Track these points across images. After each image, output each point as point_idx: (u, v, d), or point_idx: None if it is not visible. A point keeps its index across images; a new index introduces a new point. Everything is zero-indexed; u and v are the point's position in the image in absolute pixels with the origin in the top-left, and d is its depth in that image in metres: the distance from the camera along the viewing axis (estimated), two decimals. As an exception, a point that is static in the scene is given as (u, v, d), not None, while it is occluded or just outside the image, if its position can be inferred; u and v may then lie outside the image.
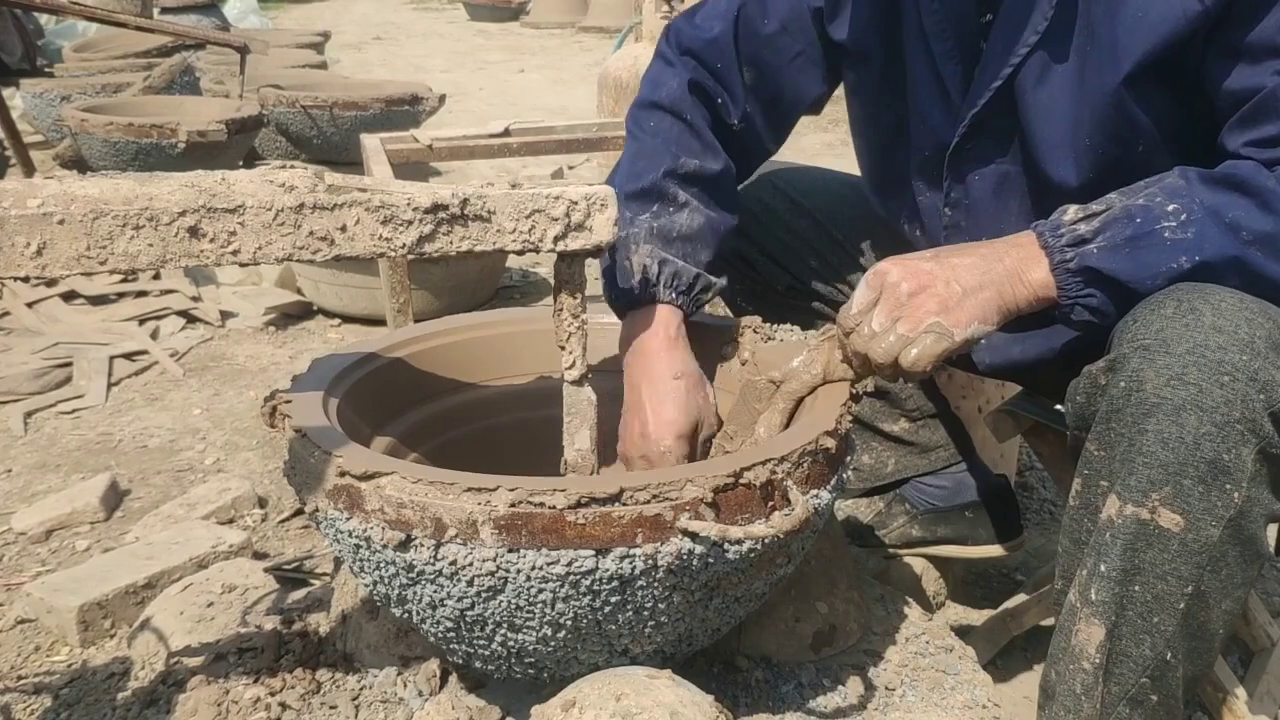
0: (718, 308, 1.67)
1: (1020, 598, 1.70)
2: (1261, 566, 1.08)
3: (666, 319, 1.32)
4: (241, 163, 4.32)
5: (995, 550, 1.77)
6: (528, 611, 0.99)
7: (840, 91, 1.55)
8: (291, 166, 1.05)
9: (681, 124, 1.43)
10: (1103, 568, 1.07)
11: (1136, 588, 1.06)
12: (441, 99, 4.68)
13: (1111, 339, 1.10)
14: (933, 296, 1.12)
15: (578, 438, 1.21)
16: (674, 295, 1.33)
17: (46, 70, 5.75)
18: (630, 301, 1.33)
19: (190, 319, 3.22)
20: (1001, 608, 1.72)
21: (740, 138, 1.48)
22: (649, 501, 0.96)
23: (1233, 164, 1.12)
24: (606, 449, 1.28)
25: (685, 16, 1.50)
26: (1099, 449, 1.09)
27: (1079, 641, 1.11)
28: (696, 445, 1.29)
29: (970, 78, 1.30)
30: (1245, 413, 1.00)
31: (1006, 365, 1.42)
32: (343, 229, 1.01)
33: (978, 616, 1.84)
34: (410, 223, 1.04)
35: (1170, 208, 1.09)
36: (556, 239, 1.11)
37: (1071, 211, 1.13)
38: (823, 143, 5.72)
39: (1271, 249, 1.08)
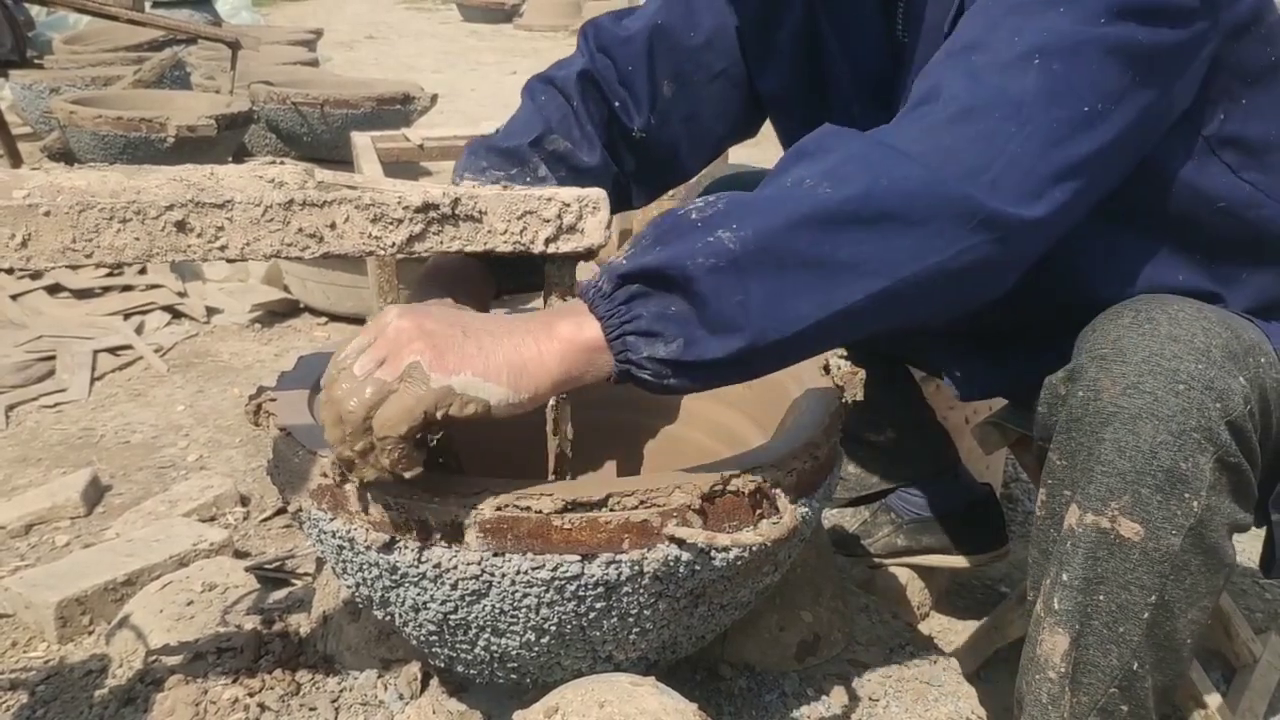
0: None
1: (1004, 609, 1.70)
2: (1228, 576, 1.08)
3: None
4: (231, 158, 4.30)
5: (980, 560, 1.77)
6: (511, 616, 0.98)
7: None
8: (281, 163, 1.04)
9: (568, 107, 1.38)
10: (1065, 577, 1.08)
11: (1100, 597, 1.06)
12: (433, 99, 4.67)
13: (1072, 350, 1.10)
14: (425, 336, 0.89)
15: (562, 442, 1.20)
16: None
17: (36, 62, 5.72)
18: None
19: (176, 315, 3.21)
20: (986, 619, 1.72)
21: (644, 148, 1.42)
22: (636, 507, 0.96)
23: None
24: (592, 456, 1.28)
25: (610, 14, 1.44)
26: (1061, 458, 1.09)
27: (1044, 651, 1.11)
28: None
29: None
30: (1201, 421, 1.00)
31: (987, 397, 1.42)
32: (332, 226, 1.01)
33: (962, 627, 1.84)
34: (400, 221, 1.03)
35: (698, 198, 0.98)
36: (548, 241, 1.10)
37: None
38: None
39: (837, 179, 0.92)
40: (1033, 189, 0.95)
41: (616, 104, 1.40)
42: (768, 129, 1.53)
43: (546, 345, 0.91)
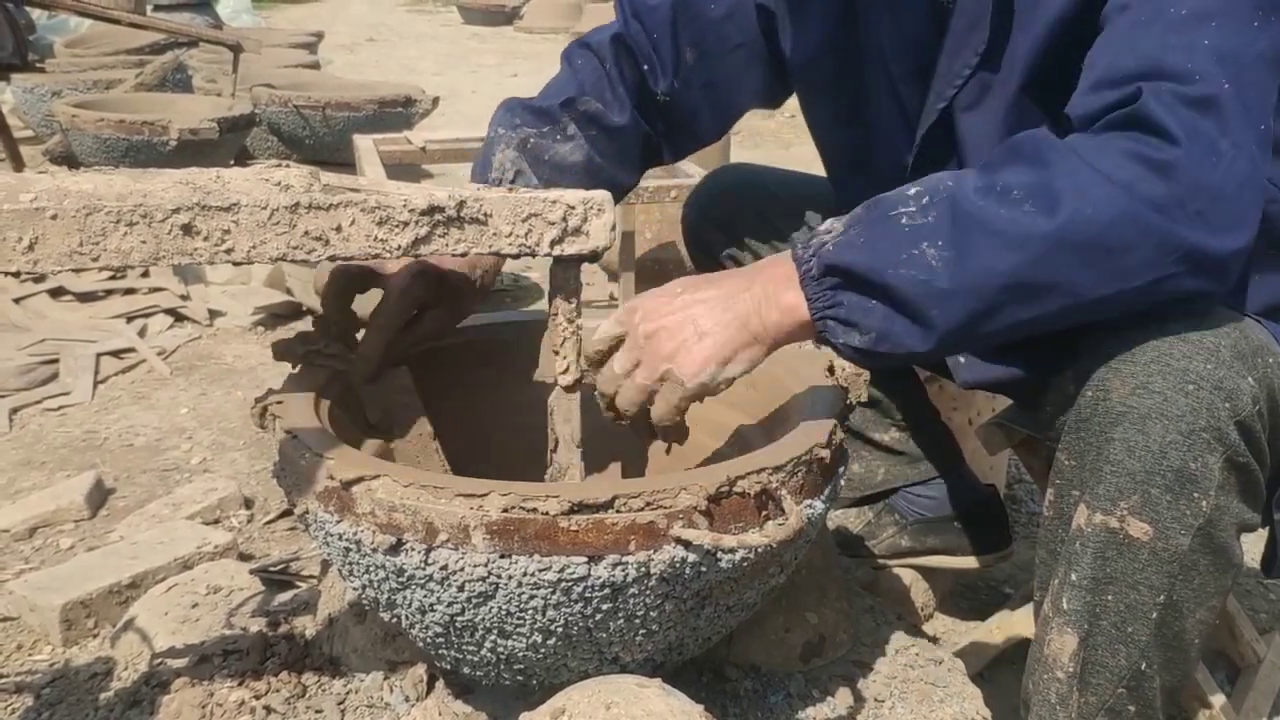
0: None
1: (1009, 610, 1.70)
2: (1236, 576, 1.08)
3: None
4: (233, 161, 4.31)
5: (984, 561, 1.77)
6: (518, 618, 0.98)
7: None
8: (287, 165, 1.04)
9: (601, 69, 1.45)
10: (1074, 576, 1.08)
11: (1109, 597, 1.06)
12: (435, 101, 4.68)
13: (1080, 350, 1.10)
14: (669, 338, 1.07)
15: (568, 443, 1.20)
16: None
17: (38, 65, 5.73)
18: None
19: (178, 317, 3.20)
20: (990, 620, 1.72)
21: (666, 112, 1.49)
22: (642, 509, 0.96)
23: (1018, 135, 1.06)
24: (596, 456, 1.28)
25: None
26: (1069, 459, 1.09)
27: (1052, 651, 1.11)
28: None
29: (925, 99, 1.29)
30: (1211, 421, 1.00)
31: (989, 382, 1.41)
32: (338, 229, 1.01)
33: (966, 628, 1.84)
34: (406, 224, 1.03)
35: (912, 192, 1.03)
36: (553, 243, 1.11)
37: (829, 220, 1.08)
38: (814, 154, 5.71)
39: (1045, 199, 0.98)
40: (1235, 219, 0.98)
41: (645, 68, 1.47)
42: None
43: (769, 315, 1.06)
